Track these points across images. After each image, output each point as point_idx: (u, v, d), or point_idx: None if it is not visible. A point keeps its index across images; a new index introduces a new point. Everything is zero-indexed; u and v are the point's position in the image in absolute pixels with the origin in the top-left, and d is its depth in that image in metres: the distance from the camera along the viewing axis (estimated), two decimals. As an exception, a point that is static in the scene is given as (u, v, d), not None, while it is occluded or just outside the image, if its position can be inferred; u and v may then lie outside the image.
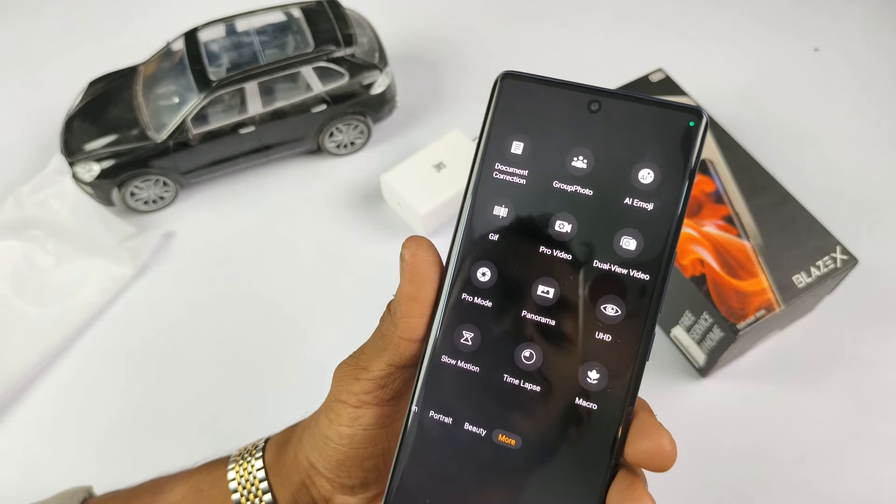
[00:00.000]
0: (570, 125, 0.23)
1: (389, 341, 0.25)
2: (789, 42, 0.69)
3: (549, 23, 0.71)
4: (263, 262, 0.55)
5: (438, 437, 0.24)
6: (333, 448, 0.27)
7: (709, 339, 0.45)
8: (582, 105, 0.23)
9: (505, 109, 0.24)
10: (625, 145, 0.23)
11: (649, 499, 0.22)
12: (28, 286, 0.52)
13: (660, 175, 0.23)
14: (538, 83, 0.23)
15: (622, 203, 0.22)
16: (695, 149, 0.23)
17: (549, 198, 0.23)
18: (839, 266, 0.44)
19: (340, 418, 0.27)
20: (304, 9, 0.57)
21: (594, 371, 0.22)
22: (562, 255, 0.23)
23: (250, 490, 0.31)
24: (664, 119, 0.23)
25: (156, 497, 0.33)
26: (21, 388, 0.49)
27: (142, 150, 0.53)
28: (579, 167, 0.23)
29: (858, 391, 0.47)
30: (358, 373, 0.26)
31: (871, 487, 0.44)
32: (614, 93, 0.23)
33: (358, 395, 0.26)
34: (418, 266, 0.24)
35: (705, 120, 0.23)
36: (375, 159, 0.60)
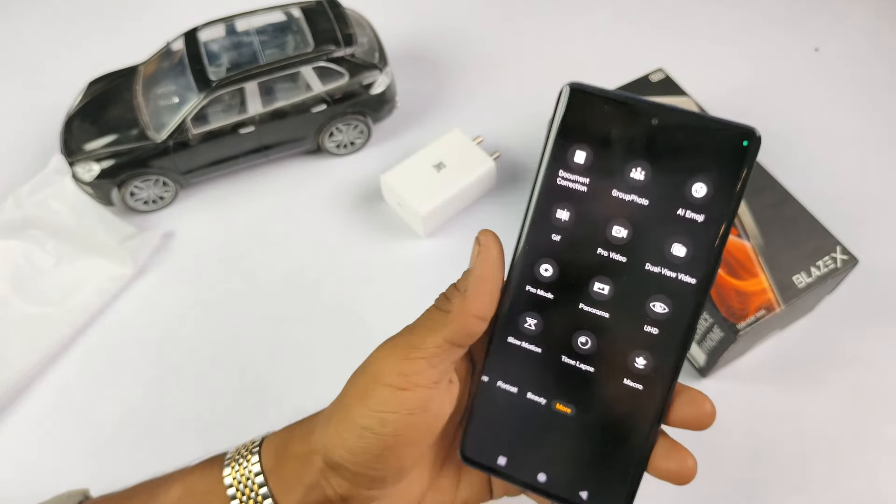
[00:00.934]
0: (630, 138, 0.25)
1: (454, 318, 0.26)
2: (790, 42, 0.69)
3: (550, 22, 0.71)
4: (263, 262, 0.55)
5: (505, 404, 0.28)
6: (371, 439, 0.27)
7: (709, 339, 0.45)
8: (642, 119, 0.25)
9: (569, 120, 0.26)
10: (680, 160, 0.25)
11: (690, 455, 0.27)
12: (28, 286, 0.52)
13: (712, 190, 0.25)
14: (601, 96, 0.26)
15: (675, 213, 0.25)
16: (745, 167, 0.25)
17: (607, 205, 0.26)
18: (839, 266, 0.44)
19: (385, 404, 0.27)
20: (303, 8, 0.57)
21: (641, 358, 0.26)
22: (617, 257, 0.26)
23: (248, 495, 0.30)
24: (720, 137, 0.25)
25: (150, 499, 0.32)
26: (21, 388, 0.49)
27: (141, 150, 0.53)
28: (637, 178, 0.25)
29: (859, 391, 0.47)
30: (409, 351, 0.27)
31: (872, 487, 0.44)
32: (674, 109, 0.25)
33: (408, 375, 0.27)
34: (491, 251, 0.27)
35: (758, 138, 0.24)
36: (375, 159, 0.60)
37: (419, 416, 0.27)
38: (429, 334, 0.27)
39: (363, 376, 0.28)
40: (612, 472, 0.27)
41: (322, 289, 0.53)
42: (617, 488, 0.27)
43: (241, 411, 0.47)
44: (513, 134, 0.61)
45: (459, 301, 0.27)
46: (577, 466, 0.27)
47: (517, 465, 0.28)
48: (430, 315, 0.28)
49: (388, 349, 0.28)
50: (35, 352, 0.49)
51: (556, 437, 0.27)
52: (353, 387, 0.28)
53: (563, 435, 0.27)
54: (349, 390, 0.28)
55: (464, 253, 0.37)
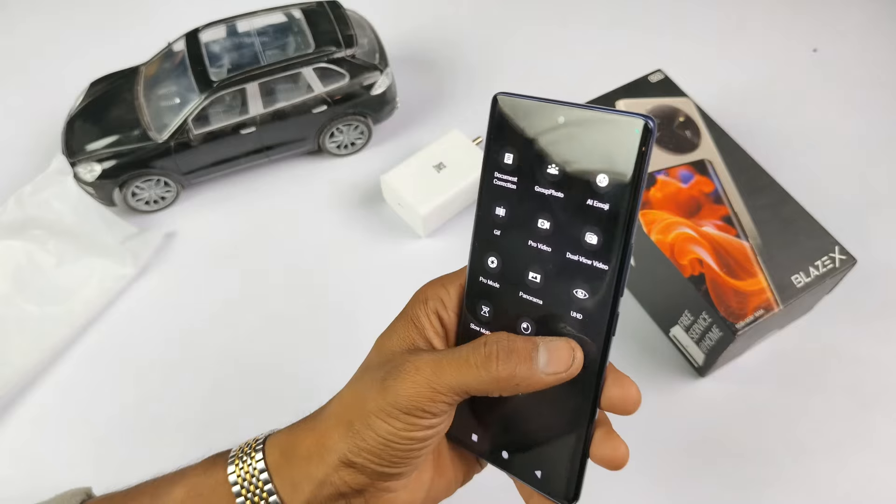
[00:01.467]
0: (543, 137, 0.28)
1: (491, 380, 0.28)
2: (788, 42, 0.69)
3: (549, 23, 0.71)
4: (264, 262, 0.55)
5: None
6: (397, 448, 0.28)
7: (708, 339, 0.45)
8: (551, 119, 0.28)
9: (497, 124, 0.29)
10: (584, 153, 0.27)
11: (623, 443, 0.28)
12: (30, 286, 0.52)
13: (613, 179, 0.27)
14: (521, 101, 0.29)
15: (585, 204, 0.27)
16: (638, 154, 0.26)
17: (532, 200, 0.28)
18: (837, 266, 0.45)
19: (409, 428, 0.28)
20: (304, 10, 0.57)
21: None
22: (544, 247, 0.28)
23: (253, 492, 0.30)
24: (616, 129, 0.27)
25: (154, 500, 0.32)
26: (23, 387, 0.49)
27: (143, 150, 0.53)
28: (552, 173, 0.28)
29: (857, 391, 0.48)
30: (435, 389, 0.28)
31: (870, 487, 0.44)
32: (578, 106, 0.27)
33: (432, 414, 0.28)
34: (572, 370, 0.28)
35: (649, 129, 0.26)
36: (376, 160, 0.61)
37: (437, 430, 0.29)
38: (461, 378, 0.28)
39: (386, 395, 0.28)
40: (560, 454, 0.29)
41: (322, 288, 0.53)
42: (564, 470, 0.29)
43: (242, 410, 0.48)
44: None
45: (513, 369, 0.27)
46: (531, 447, 0.30)
47: (485, 443, 0.31)
48: (470, 359, 0.28)
49: (417, 375, 0.28)
50: (37, 351, 0.49)
51: (512, 419, 0.30)
52: (376, 398, 0.29)
53: (516, 417, 0.30)
54: (371, 399, 0.29)
55: (463, 253, 0.37)
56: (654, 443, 0.45)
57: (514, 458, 0.30)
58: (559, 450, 0.29)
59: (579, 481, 0.29)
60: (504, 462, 0.31)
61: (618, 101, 0.53)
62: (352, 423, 0.29)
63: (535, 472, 0.30)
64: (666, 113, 0.53)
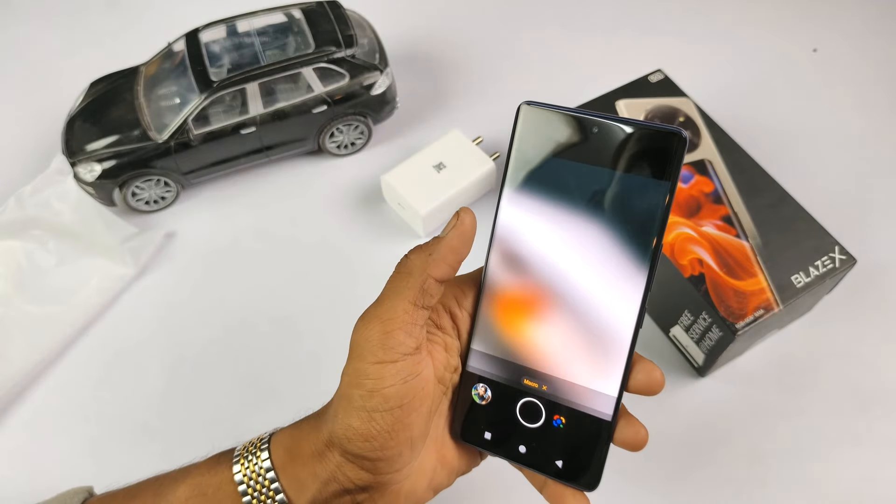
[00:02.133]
0: (574, 147, 0.30)
1: (416, 281, 0.29)
2: (788, 42, 0.69)
3: (549, 24, 0.71)
4: (264, 262, 0.55)
5: (487, 386, 0.32)
6: (380, 419, 0.28)
7: (707, 339, 0.45)
8: (584, 128, 0.30)
9: (524, 132, 0.31)
10: (620, 160, 0.29)
11: (643, 426, 0.30)
12: (29, 286, 0.52)
13: (649, 184, 0.29)
14: (549, 110, 0.31)
15: (621, 205, 0.29)
16: (674, 162, 0.29)
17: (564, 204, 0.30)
18: (837, 266, 0.45)
19: (381, 381, 0.28)
20: (304, 10, 0.57)
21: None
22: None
23: (260, 491, 0.30)
24: (651, 138, 0.29)
25: (157, 499, 0.32)
26: (23, 387, 0.49)
27: (143, 150, 0.53)
28: (584, 181, 0.30)
29: (857, 390, 0.48)
30: (385, 324, 0.29)
31: (870, 487, 0.44)
32: (607, 116, 0.30)
33: (391, 348, 0.28)
34: (466, 228, 0.30)
35: (684, 138, 0.28)
36: (376, 160, 0.61)
37: (414, 381, 0.29)
38: (398, 300, 0.29)
39: (352, 362, 0.29)
40: (584, 444, 0.30)
41: (322, 288, 0.53)
42: (588, 460, 0.30)
43: (242, 410, 0.48)
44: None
45: (422, 263, 0.30)
46: (552, 440, 0.31)
47: (500, 440, 0.32)
48: (394, 283, 0.30)
49: (365, 326, 0.29)
50: (37, 351, 0.49)
51: (533, 415, 0.31)
52: (346, 375, 0.29)
53: (537, 413, 0.31)
54: (344, 380, 0.29)
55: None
56: (654, 442, 0.45)
57: (533, 450, 0.31)
58: (584, 440, 0.30)
59: (601, 469, 0.30)
60: (521, 456, 0.31)
61: (618, 102, 0.53)
62: (337, 411, 0.29)
63: (555, 463, 0.31)
64: (666, 113, 0.53)
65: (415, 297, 0.29)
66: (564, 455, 0.31)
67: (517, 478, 0.33)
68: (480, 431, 0.32)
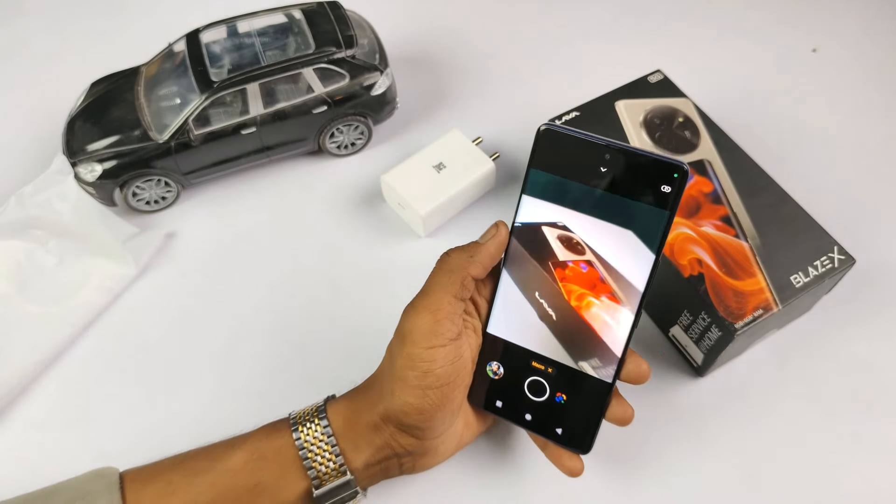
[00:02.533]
0: (588, 169, 0.35)
1: (457, 277, 0.35)
2: (787, 43, 0.69)
3: (549, 24, 0.71)
4: (265, 262, 0.55)
5: (501, 362, 0.39)
6: (433, 395, 0.34)
7: (707, 339, 0.45)
8: (598, 155, 0.35)
9: (541, 153, 0.36)
10: (626, 185, 0.35)
11: (630, 406, 0.37)
12: (30, 285, 0.52)
13: (652, 208, 0.34)
14: (567, 133, 0.36)
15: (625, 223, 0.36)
16: (676, 192, 0.34)
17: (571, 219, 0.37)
18: (836, 266, 0.45)
19: (433, 363, 0.34)
20: (304, 10, 0.57)
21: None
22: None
23: (320, 454, 0.34)
24: (658, 168, 0.34)
25: (213, 463, 0.35)
26: (24, 386, 0.49)
27: (144, 150, 0.54)
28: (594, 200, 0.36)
29: (856, 391, 0.48)
30: (433, 314, 0.34)
31: (870, 487, 0.44)
32: (621, 145, 0.35)
33: (440, 335, 0.34)
34: (503, 238, 0.37)
35: (685, 171, 0.34)
36: (376, 160, 0.61)
37: (458, 362, 0.35)
38: (443, 294, 0.35)
39: (406, 347, 0.34)
40: (581, 416, 0.37)
41: (322, 288, 0.53)
42: (583, 429, 0.37)
43: (243, 410, 0.48)
44: (512, 135, 0.61)
45: (463, 262, 0.36)
46: (553, 411, 0.37)
47: (510, 408, 0.38)
48: (438, 278, 0.36)
49: (417, 316, 0.34)
50: (37, 351, 0.49)
51: (537, 387, 0.38)
52: (399, 358, 0.34)
53: (542, 389, 0.38)
54: (397, 362, 0.35)
55: None
56: (653, 442, 0.45)
57: (537, 419, 0.38)
58: (581, 413, 0.37)
59: (594, 437, 0.37)
60: (527, 422, 0.38)
61: (617, 102, 0.53)
62: (393, 390, 0.34)
63: (556, 430, 0.37)
64: (665, 113, 0.53)
65: (456, 291, 0.35)
66: (564, 425, 0.37)
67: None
68: (494, 401, 0.38)
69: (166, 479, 0.34)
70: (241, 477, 0.34)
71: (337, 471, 0.34)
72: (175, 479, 0.34)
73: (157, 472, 0.35)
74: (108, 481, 0.34)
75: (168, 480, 0.34)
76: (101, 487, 0.33)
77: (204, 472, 0.34)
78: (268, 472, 0.34)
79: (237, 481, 0.34)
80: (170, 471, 0.35)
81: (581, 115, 0.53)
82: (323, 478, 0.34)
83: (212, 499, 0.33)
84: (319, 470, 0.34)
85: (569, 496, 0.43)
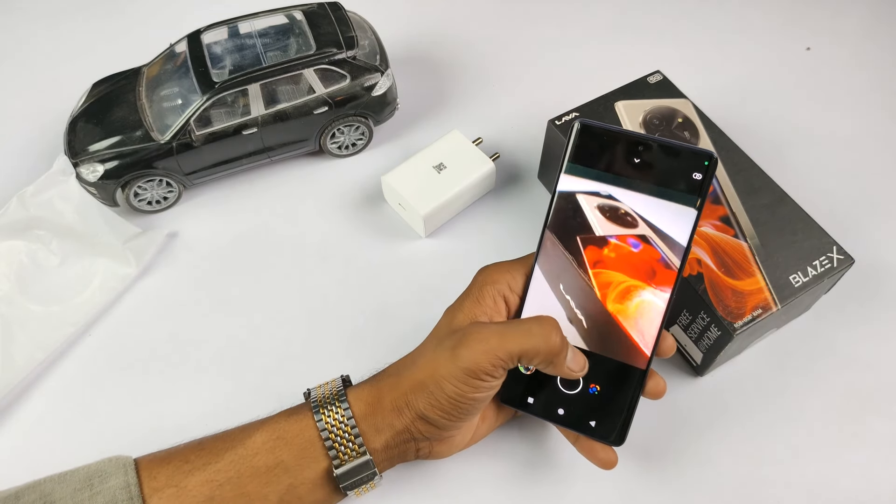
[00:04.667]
0: (623, 160, 0.38)
1: (544, 355, 0.36)
2: (786, 43, 0.69)
3: (549, 25, 0.71)
4: (266, 262, 0.55)
5: None
6: (464, 406, 0.35)
7: (706, 338, 0.45)
8: (631, 145, 0.38)
9: (578, 146, 0.38)
10: (660, 174, 0.37)
11: (662, 379, 0.38)
12: (32, 285, 0.52)
13: (683, 197, 0.37)
14: (602, 129, 0.38)
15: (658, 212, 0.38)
16: (708, 179, 0.37)
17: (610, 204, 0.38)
18: (835, 266, 0.45)
19: (475, 391, 0.35)
20: (305, 11, 0.58)
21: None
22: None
23: (341, 435, 0.35)
24: (690, 158, 0.37)
25: (231, 444, 0.36)
26: (26, 385, 0.49)
27: (145, 151, 0.54)
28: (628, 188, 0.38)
29: (855, 390, 0.48)
30: (499, 356, 0.34)
31: (868, 487, 0.44)
32: (651, 137, 0.37)
33: (494, 378, 0.35)
34: (576, 371, 0.38)
35: (716, 159, 0.36)
36: (376, 160, 0.61)
37: (493, 390, 0.36)
38: (520, 344, 0.34)
39: (456, 361, 0.34)
40: (614, 409, 0.37)
41: (323, 288, 0.54)
42: (617, 421, 0.37)
43: (243, 409, 0.48)
44: (512, 135, 0.61)
45: (552, 353, 0.35)
46: (587, 405, 0.38)
47: (542, 404, 0.38)
48: (531, 330, 0.35)
49: (484, 344, 0.34)
50: (39, 350, 0.49)
51: (570, 382, 0.38)
52: (447, 364, 0.35)
53: (575, 384, 0.38)
54: (443, 365, 0.35)
55: (463, 252, 0.40)
56: (652, 442, 0.46)
57: (570, 413, 0.38)
58: (616, 403, 0.37)
59: (628, 428, 0.37)
60: (559, 417, 0.38)
61: (616, 103, 0.53)
62: (427, 385, 0.35)
63: (589, 423, 0.38)
64: (664, 114, 0.53)
65: (534, 359, 0.35)
66: (598, 417, 0.37)
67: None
68: (524, 396, 0.39)
69: (183, 458, 0.35)
70: (261, 456, 0.35)
71: (357, 451, 0.35)
72: (192, 457, 0.35)
73: (174, 454, 0.36)
74: (123, 462, 0.35)
75: (185, 459, 0.35)
76: (116, 467, 0.34)
77: (223, 451, 0.35)
78: (287, 452, 0.35)
79: (257, 461, 0.35)
80: (186, 451, 0.36)
81: (581, 115, 0.53)
82: (343, 458, 0.35)
83: (231, 477, 0.34)
84: (340, 451, 0.35)
85: (568, 496, 0.44)
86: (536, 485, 0.44)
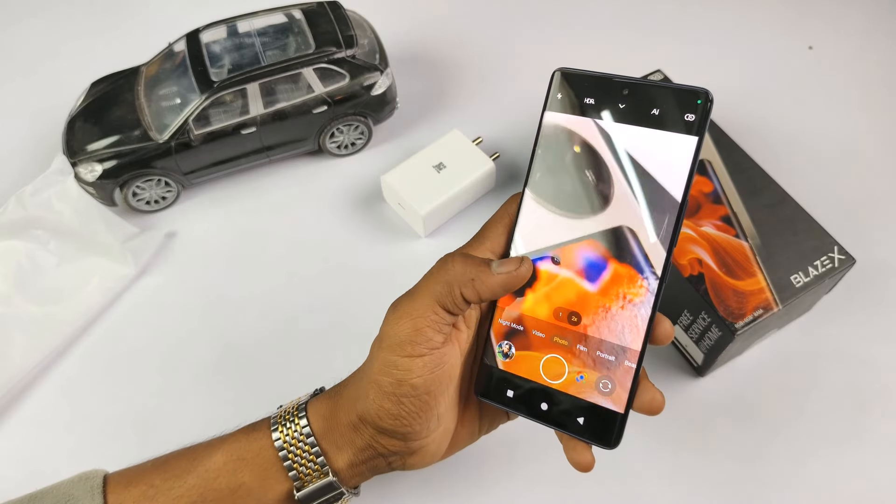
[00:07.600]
0: (608, 107, 0.33)
1: (455, 289, 0.31)
2: (787, 43, 0.69)
3: (549, 24, 0.71)
4: (265, 262, 0.55)
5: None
6: (409, 403, 0.31)
7: (707, 339, 0.45)
8: (616, 90, 0.33)
9: (557, 94, 0.35)
10: (651, 118, 0.32)
11: (660, 392, 0.31)
12: (30, 285, 0.52)
13: (677, 138, 0.32)
14: (583, 74, 0.35)
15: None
16: (703, 118, 0.31)
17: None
18: (836, 266, 0.45)
19: (410, 372, 0.31)
20: (304, 10, 0.57)
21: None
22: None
23: (300, 454, 0.33)
24: (682, 98, 0.31)
25: (193, 464, 0.34)
26: (23, 386, 0.49)
27: (144, 150, 0.54)
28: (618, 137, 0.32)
29: (856, 390, 0.48)
30: (415, 321, 0.31)
31: (869, 487, 0.44)
32: (637, 79, 0.32)
33: (420, 344, 0.31)
34: (519, 281, 0.32)
35: (711, 98, 0.31)
36: (376, 160, 0.61)
37: (439, 371, 0.31)
38: (431, 302, 0.31)
39: (382, 352, 0.31)
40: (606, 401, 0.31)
41: (323, 288, 0.53)
42: (609, 416, 0.30)
43: (243, 409, 0.48)
44: (512, 135, 0.61)
45: (462, 279, 0.31)
46: (573, 399, 0.31)
47: (523, 397, 0.32)
48: (431, 284, 0.32)
49: (397, 321, 0.31)
50: (37, 351, 0.49)
51: (555, 366, 0.32)
52: (376, 361, 0.32)
53: (559, 364, 0.32)
54: (375, 365, 0.32)
55: None
56: (653, 442, 0.45)
57: (554, 409, 0.32)
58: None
59: (623, 429, 0.30)
60: (543, 413, 0.32)
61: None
62: (368, 392, 0.32)
63: (577, 420, 0.31)
64: (665, 113, 0.53)
65: (447, 304, 0.31)
66: (585, 413, 0.31)
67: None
68: (504, 391, 0.33)
69: (148, 482, 0.34)
70: (222, 478, 0.33)
71: (319, 471, 0.33)
72: (157, 482, 0.33)
73: (140, 475, 0.34)
74: (91, 484, 0.34)
75: (150, 483, 0.33)
76: (85, 491, 0.33)
77: (185, 473, 0.34)
78: (249, 473, 0.33)
79: (218, 483, 0.33)
80: (151, 473, 0.34)
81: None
82: (305, 479, 0.33)
83: (194, 501, 0.33)
84: (301, 471, 0.33)
85: (567, 496, 0.43)
86: (537, 485, 0.44)
